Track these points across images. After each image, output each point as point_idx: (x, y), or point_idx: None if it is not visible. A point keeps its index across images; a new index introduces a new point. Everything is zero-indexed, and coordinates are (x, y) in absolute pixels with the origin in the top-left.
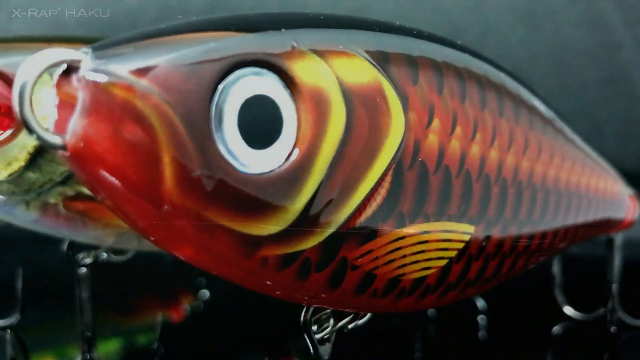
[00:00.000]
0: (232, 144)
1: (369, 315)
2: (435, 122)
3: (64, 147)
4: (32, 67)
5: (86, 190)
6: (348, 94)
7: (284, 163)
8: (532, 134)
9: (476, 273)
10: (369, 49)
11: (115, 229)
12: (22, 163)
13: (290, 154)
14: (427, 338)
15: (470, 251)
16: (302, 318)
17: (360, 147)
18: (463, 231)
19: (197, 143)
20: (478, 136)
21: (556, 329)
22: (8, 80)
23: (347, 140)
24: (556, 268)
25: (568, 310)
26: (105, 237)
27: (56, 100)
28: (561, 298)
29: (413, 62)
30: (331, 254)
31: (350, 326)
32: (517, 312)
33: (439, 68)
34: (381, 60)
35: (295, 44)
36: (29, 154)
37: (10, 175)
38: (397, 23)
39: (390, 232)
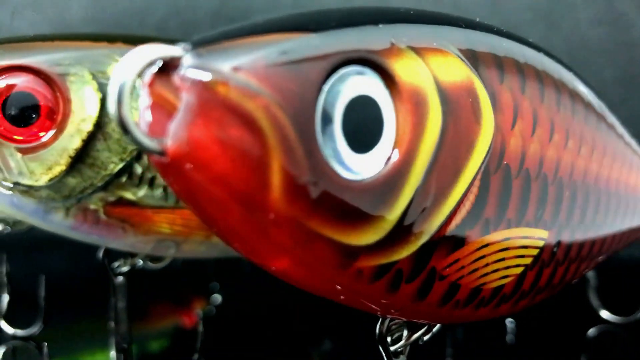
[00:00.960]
0: (336, 148)
1: (439, 325)
2: (519, 123)
3: (162, 153)
4: (129, 65)
5: (128, 195)
6: (444, 94)
7: (383, 168)
8: (598, 136)
9: (546, 280)
10: (459, 46)
11: (155, 235)
12: (63, 167)
13: (389, 159)
14: (456, 342)
15: (543, 257)
16: (377, 330)
17: (454, 150)
18: (538, 237)
19: (306, 147)
20: (555, 138)
21: (591, 332)
22: (48, 79)
23: (442, 143)
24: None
25: (604, 313)
26: (144, 244)
27: (149, 101)
28: (596, 301)
29: (499, 61)
30: (422, 265)
31: (425, 338)
32: (549, 315)
33: (521, 67)
34: (471, 58)
35: (394, 41)
36: (70, 157)
37: (50, 180)
38: (477, 19)
39: (476, 240)
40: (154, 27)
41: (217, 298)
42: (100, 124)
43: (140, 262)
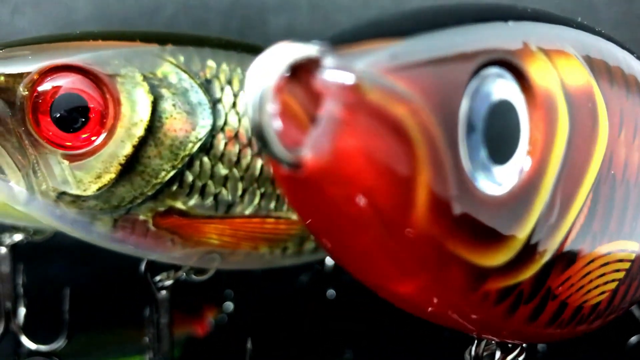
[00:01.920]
0: (478, 160)
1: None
2: (624, 131)
3: (296, 165)
4: (269, 67)
5: (178, 205)
6: (569, 99)
7: (517, 181)
8: None
9: (632, 293)
10: (575, 47)
11: (204, 247)
12: (112, 176)
13: (521, 170)
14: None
15: (632, 270)
16: (472, 353)
17: (577, 158)
18: (631, 249)
19: (452, 159)
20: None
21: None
22: (97, 80)
23: (568, 151)
24: None
25: None
26: (190, 257)
27: (278, 108)
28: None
29: (608, 65)
30: (540, 285)
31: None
32: None
33: (623, 70)
34: (587, 60)
35: (526, 41)
36: (120, 165)
37: (99, 189)
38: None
39: (585, 255)
40: (163, 26)
41: (229, 306)
42: (151, 129)
43: (184, 275)
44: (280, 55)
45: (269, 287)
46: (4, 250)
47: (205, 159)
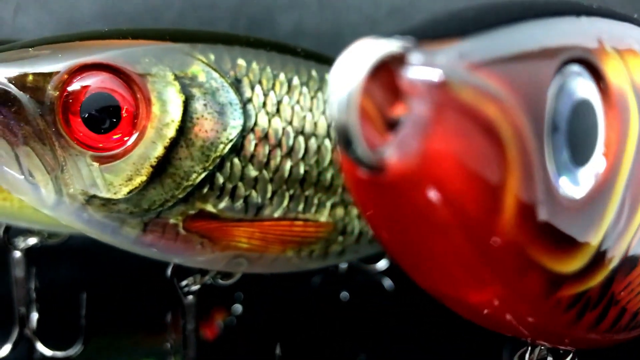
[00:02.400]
0: (560, 162)
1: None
2: None
3: (378, 168)
4: (355, 65)
5: (209, 208)
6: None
7: (593, 184)
8: None
9: None
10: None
11: (233, 251)
12: (143, 178)
13: (597, 173)
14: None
15: None
16: (525, 358)
17: None
18: None
19: (539, 161)
20: None
21: None
22: (128, 79)
23: (637, 153)
24: None
25: None
26: (219, 261)
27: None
28: None
29: None
30: (606, 290)
31: None
32: None
33: None
34: None
35: (601, 39)
36: (152, 167)
37: (130, 192)
38: None
39: None
40: (170, 25)
41: (238, 308)
42: (182, 130)
43: (210, 279)
44: (366, 53)
45: (281, 289)
46: (18, 254)
47: (236, 161)
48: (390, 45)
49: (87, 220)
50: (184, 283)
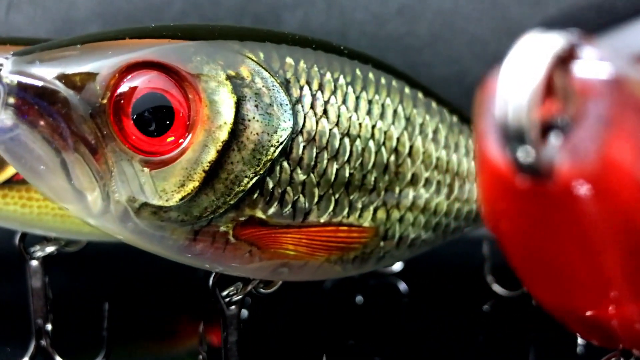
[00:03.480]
0: None
1: None
2: None
3: (543, 174)
4: (532, 62)
5: (259, 214)
6: None
7: None
8: None
9: None
10: None
11: (279, 259)
12: (196, 184)
13: None
14: None
15: None
16: None
17: None
18: None
19: None
20: None
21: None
22: (180, 79)
23: None
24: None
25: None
26: (264, 270)
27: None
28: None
29: None
30: None
31: None
32: None
33: None
34: None
35: None
36: (204, 172)
37: (182, 199)
38: None
39: None
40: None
41: (243, 313)
42: (234, 132)
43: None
44: (543, 48)
45: (294, 293)
46: (35, 263)
47: (285, 164)
48: (562, 40)
49: (135, 230)
50: (225, 293)
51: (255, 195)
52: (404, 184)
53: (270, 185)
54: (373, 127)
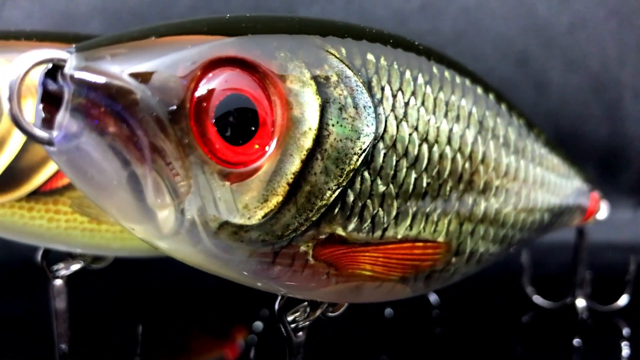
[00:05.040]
0: None
1: None
2: None
3: None
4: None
5: (339, 231)
6: None
7: None
8: None
9: None
10: None
11: (355, 280)
12: (279, 198)
13: None
14: None
15: None
16: None
17: None
18: None
19: None
20: None
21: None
22: (262, 78)
23: None
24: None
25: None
26: (336, 294)
27: None
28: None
29: None
30: None
31: None
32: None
33: None
34: None
35: None
36: (288, 185)
37: (265, 216)
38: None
39: None
40: None
41: (259, 325)
42: (319, 139)
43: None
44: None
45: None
46: (59, 282)
47: (366, 174)
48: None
49: (210, 253)
50: (290, 318)
51: (336, 210)
52: (477, 194)
53: (351, 198)
54: (450, 131)
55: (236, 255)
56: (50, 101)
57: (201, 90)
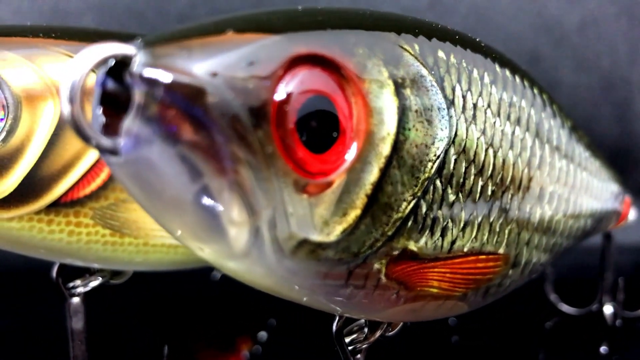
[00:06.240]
0: None
1: None
2: None
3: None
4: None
5: (411, 246)
6: None
7: None
8: None
9: None
10: None
11: (421, 301)
12: (358, 212)
13: None
14: None
15: None
16: None
17: None
18: None
19: None
20: None
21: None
22: (346, 79)
23: None
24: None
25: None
26: (401, 314)
27: None
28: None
29: None
30: None
31: None
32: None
33: None
34: None
35: None
36: (366, 196)
37: (343, 231)
38: None
39: None
40: (176, 19)
41: (263, 335)
42: (396, 145)
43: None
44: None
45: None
46: (76, 300)
47: (438, 183)
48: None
49: (283, 275)
50: (348, 340)
51: (409, 223)
52: (534, 201)
53: (424, 209)
54: (512, 134)
55: (310, 276)
56: (110, 104)
57: (283, 92)
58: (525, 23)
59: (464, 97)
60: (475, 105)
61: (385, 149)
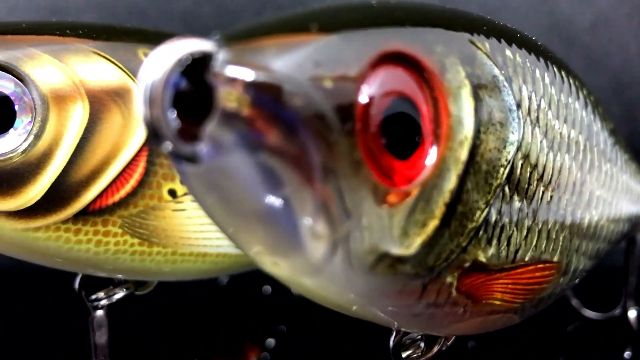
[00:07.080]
0: None
1: None
2: None
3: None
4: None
5: (481, 257)
6: None
7: None
8: None
9: None
10: None
11: (483, 316)
12: (436, 222)
13: None
14: None
15: None
16: None
17: None
18: None
19: None
20: None
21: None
22: (429, 80)
23: None
24: None
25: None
26: (463, 330)
27: None
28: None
29: None
30: None
31: None
32: None
33: None
34: None
35: None
36: (445, 205)
37: (422, 243)
38: None
39: None
40: (179, 18)
41: (271, 342)
42: (472, 150)
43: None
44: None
45: (327, 321)
46: (99, 313)
47: (507, 189)
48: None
49: (360, 291)
50: (404, 355)
51: (481, 233)
52: (584, 206)
53: (494, 217)
54: (568, 138)
55: (386, 293)
56: (183, 107)
57: (367, 94)
58: (537, 22)
59: (529, 98)
60: (539, 107)
61: (463, 153)
